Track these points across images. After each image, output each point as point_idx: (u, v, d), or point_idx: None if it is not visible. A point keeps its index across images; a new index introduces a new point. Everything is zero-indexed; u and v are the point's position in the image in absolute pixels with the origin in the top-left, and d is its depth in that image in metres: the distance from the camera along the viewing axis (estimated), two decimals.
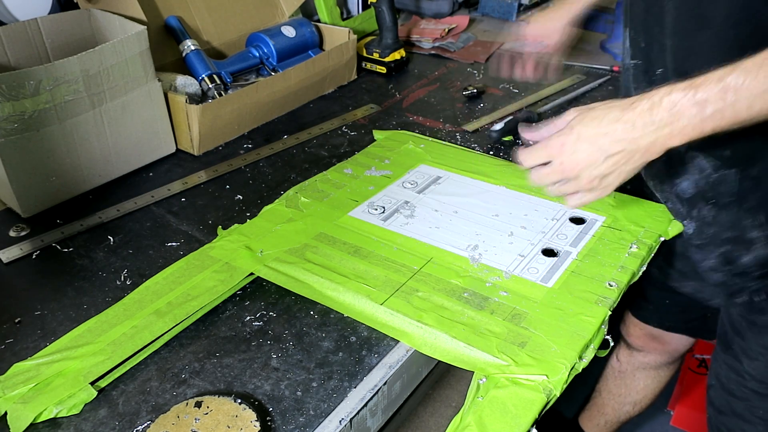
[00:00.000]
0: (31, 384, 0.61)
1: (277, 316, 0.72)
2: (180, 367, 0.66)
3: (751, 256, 0.77)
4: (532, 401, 0.60)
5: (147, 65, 0.95)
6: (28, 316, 0.72)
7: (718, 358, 0.91)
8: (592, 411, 1.38)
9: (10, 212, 0.90)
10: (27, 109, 0.82)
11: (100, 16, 1.03)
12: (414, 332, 0.68)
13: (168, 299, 0.72)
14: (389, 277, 0.74)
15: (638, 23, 0.76)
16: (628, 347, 1.25)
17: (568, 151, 0.67)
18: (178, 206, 0.92)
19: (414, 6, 1.66)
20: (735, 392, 0.88)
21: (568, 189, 0.69)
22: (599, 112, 0.66)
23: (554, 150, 0.68)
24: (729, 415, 0.90)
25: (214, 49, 1.22)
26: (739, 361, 0.86)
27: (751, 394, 0.86)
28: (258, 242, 0.81)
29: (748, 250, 0.77)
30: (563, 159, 0.67)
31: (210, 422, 0.58)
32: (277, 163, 1.03)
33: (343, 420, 0.59)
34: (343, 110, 1.19)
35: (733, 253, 0.78)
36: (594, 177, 0.67)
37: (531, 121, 1.11)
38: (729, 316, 0.87)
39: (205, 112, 1.01)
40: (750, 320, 0.82)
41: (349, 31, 1.26)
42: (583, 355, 0.65)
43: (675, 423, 1.59)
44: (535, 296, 0.72)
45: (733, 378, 0.88)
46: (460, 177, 0.95)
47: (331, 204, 0.89)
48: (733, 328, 0.85)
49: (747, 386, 0.86)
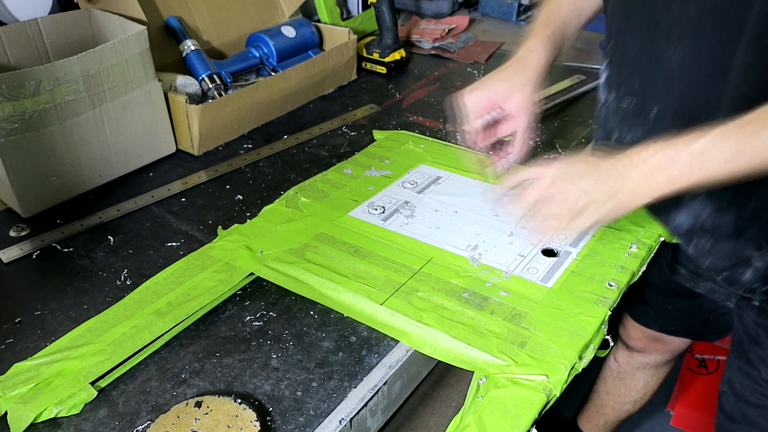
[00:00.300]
0: (31, 384, 0.61)
1: (277, 316, 0.72)
2: (180, 367, 0.66)
3: (750, 271, 0.76)
4: (532, 401, 0.60)
5: (147, 65, 0.95)
6: (28, 316, 0.72)
7: (732, 365, 0.90)
8: (590, 412, 1.38)
9: (10, 212, 0.90)
10: (27, 109, 0.82)
11: (100, 16, 1.03)
12: (414, 332, 0.68)
13: (168, 299, 0.72)
14: (389, 277, 0.74)
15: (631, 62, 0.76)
16: (628, 348, 1.24)
17: (545, 174, 0.70)
18: (178, 206, 0.92)
19: (414, 6, 1.66)
20: (750, 399, 0.87)
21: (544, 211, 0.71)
22: (578, 159, 0.71)
23: (534, 173, 0.72)
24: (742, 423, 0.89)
25: (214, 49, 1.22)
26: (757, 370, 0.84)
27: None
28: (258, 242, 0.81)
29: (747, 267, 0.76)
30: (543, 180, 0.70)
31: (210, 422, 0.58)
32: (277, 163, 1.03)
33: (343, 420, 0.59)
34: (343, 110, 1.20)
35: (734, 276, 0.77)
36: (572, 202, 0.69)
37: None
38: (743, 322, 0.85)
39: (205, 112, 1.01)
40: (767, 327, 0.81)
41: (349, 31, 1.26)
42: (583, 355, 0.65)
43: (675, 423, 1.59)
44: (535, 296, 0.72)
45: (748, 385, 0.86)
46: (460, 177, 0.95)
47: (331, 204, 0.89)
48: (749, 336, 0.84)
49: (764, 394, 0.85)
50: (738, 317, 0.87)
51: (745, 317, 0.84)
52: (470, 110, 0.81)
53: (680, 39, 0.68)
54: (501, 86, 0.80)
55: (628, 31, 0.75)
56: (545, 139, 1.07)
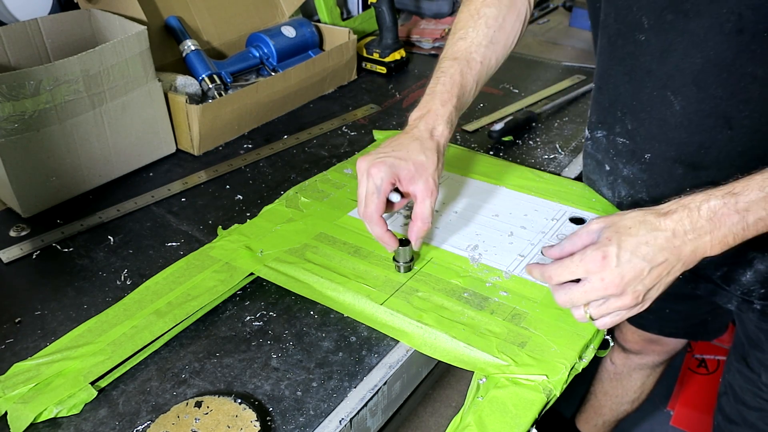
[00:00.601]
0: (31, 384, 0.61)
1: (277, 316, 0.72)
2: (180, 367, 0.66)
3: (750, 272, 0.75)
4: (532, 401, 0.60)
5: (147, 65, 0.95)
6: (28, 316, 0.72)
7: (732, 368, 0.90)
8: (588, 413, 1.38)
9: (10, 212, 0.90)
10: (27, 109, 0.82)
11: (100, 16, 1.03)
12: (414, 332, 0.68)
13: (168, 299, 0.72)
14: (389, 277, 0.74)
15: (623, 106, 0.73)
16: (624, 350, 1.24)
17: (610, 264, 0.58)
18: (178, 206, 0.92)
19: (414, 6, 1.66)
20: (749, 402, 0.87)
21: (609, 308, 0.61)
22: (631, 221, 0.60)
23: (593, 264, 0.59)
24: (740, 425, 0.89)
25: (214, 49, 1.22)
26: (757, 374, 0.84)
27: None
28: (258, 242, 0.81)
29: (748, 268, 0.75)
30: (605, 274, 0.58)
31: (210, 422, 0.58)
32: (277, 163, 1.03)
33: (343, 420, 0.59)
34: (343, 110, 1.20)
35: (732, 274, 0.77)
36: (639, 292, 0.59)
37: (531, 121, 1.11)
38: (744, 326, 0.85)
39: (205, 112, 1.01)
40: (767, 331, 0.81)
41: (349, 31, 1.26)
42: (583, 355, 0.65)
43: (675, 423, 1.59)
44: (535, 296, 0.72)
45: (747, 389, 0.86)
46: (460, 177, 0.95)
47: (331, 204, 0.89)
48: (750, 340, 0.84)
49: (763, 397, 0.85)
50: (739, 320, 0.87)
51: (746, 321, 0.84)
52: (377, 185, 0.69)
53: (682, 87, 0.66)
54: (406, 166, 0.70)
55: (618, 75, 0.74)
56: (545, 140, 1.07)
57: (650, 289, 0.60)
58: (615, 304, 0.60)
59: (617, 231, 0.60)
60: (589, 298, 0.61)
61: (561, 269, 0.62)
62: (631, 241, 0.59)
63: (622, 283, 0.58)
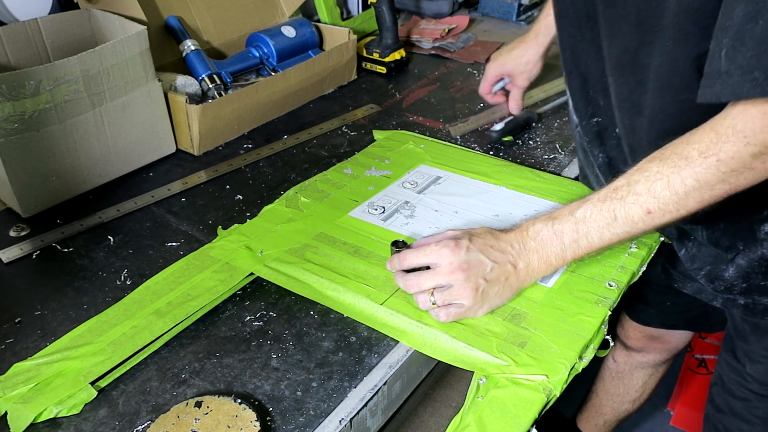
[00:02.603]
0: (31, 384, 0.61)
1: (277, 316, 0.72)
2: (180, 367, 0.66)
3: (732, 268, 0.76)
4: (532, 401, 0.60)
5: (147, 65, 0.95)
6: (28, 316, 0.72)
7: (722, 359, 0.91)
8: (589, 412, 1.38)
9: (10, 212, 0.90)
10: (27, 109, 0.82)
11: (100, 16, 1.03)
12: (414, 332, 0.68)
13: (168, 299, 0.72)
14: (389, 277, 0.74)
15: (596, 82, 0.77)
16: (626, 348, 1.24)
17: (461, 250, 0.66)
18: (178, 206, 0.92)
19: (414, 6, 1.66)
20: (735, 392, 0.89)
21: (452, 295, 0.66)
22: (480, 230, 0.70)
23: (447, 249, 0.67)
24: (728, 414, 0.91)
25: (214, 49, 1.22)
26: (742, 365, 0.86)
27: (752, 395, 0.86)
28: (258, 242, 0.81)
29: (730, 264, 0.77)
30: (453, 258, 0.66)
31: (210, 422, 0.58)
32: (277, 163, 1.03)
33: (343, 420, 0.59)
34: (343, 110, 1.20)
35: (715, 271, 0.78)
36: (481, 286, 0.66)
37: (531, 121, 1.11)
38: (732, 319, 0.86)
39: (205, 112, 1.01)
40: (753, 323, 0.81)
41: (349, 31, 1.26)
42: (583, 355, 0.65)
43: (675, 423, 1.59)
44: (535, 296, 0.72)
45: (734, 379, 0.88)
46: (460, 177, 0.95)
47: (331, 204, 0.89)
48: (737, 331, 0.85)
49: (748, 387, 0.86)
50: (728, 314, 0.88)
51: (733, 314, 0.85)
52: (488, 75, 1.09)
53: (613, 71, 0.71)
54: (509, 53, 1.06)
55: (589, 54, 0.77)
56: (545, 140, 1.07)
57: (490, 288, 0.67)
58: (457, 292, 0.66)
59: (469, 233, 0.69)
60: (437, 281, 0.67)
61: (416, 253, 0.69)
62: (479, 241, 0.68)
63: (468, 269, 0.66)
